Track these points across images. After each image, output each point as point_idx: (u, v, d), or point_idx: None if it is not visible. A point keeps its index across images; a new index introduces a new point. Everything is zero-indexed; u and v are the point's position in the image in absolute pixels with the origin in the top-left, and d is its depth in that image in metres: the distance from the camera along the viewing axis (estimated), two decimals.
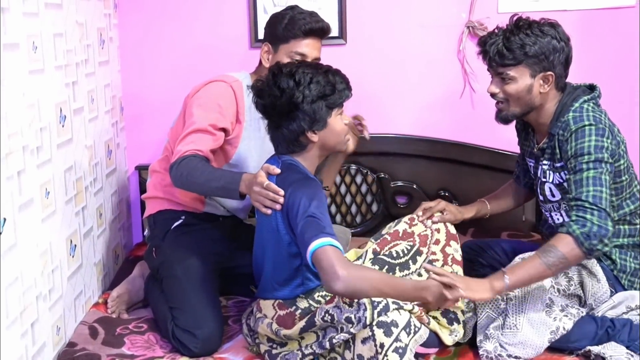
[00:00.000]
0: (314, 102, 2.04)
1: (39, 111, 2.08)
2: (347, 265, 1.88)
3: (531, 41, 2.17)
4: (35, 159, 2.06)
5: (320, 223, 1.94)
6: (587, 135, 2.13)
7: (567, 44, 2.22)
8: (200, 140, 2.28)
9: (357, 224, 3.17)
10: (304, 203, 1.97)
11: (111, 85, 2.92)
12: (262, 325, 2.10)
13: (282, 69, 2.08)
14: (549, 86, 2.22)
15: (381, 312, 1.91)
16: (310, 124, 2.06)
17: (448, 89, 3.14)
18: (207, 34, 3.07)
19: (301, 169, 2.11)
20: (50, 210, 2.17)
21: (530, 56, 2.17)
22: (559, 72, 2.22)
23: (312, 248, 1.90)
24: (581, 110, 2.19)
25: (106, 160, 2.81)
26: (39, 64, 2.09)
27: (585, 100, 2.22)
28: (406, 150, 3.13)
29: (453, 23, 3.08)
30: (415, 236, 2.28)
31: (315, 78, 2.05)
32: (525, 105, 2.25)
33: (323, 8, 3.01)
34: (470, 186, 2.98)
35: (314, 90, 2.04)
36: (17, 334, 1.92)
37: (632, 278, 2.26)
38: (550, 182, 2.29)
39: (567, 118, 2.19)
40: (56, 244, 2.22)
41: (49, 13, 2.19)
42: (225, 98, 2.38)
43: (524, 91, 2.22)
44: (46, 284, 2.13)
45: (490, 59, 2.23)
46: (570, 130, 2.17)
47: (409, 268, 2.24)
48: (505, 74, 2.22)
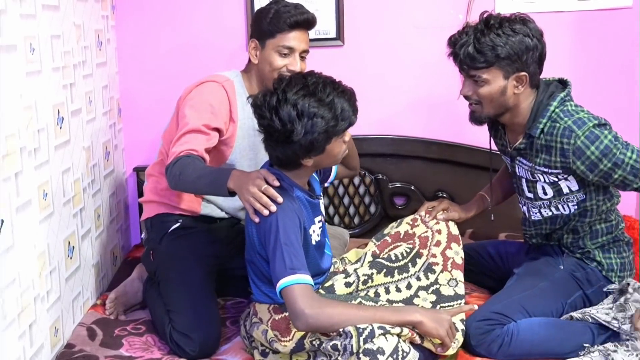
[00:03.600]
0: (314, 138, 1.95)
1: (36, 113, 2.09)
2: (310, 302, 1.90)
3: (502, 42, 2.11)
4: (33, 161, 2.06)
5: (290, 258, 1.93)
6: (597, 140, 2.12)
7: (539, 40, 2.16)
8: (194, 140, 2.26)
9: (355, 225, 3.17)
10: (274, 227, 1.96)
11: (109, 87, 2.92)
12: (257, 331, 2.10)
13: (287, 95, 1.95)
14: (523, 86, 2.17)
15: (367, 339, 1.84)
16: (306, 152, 1.99)
17: (445, 90, 3.13)
18: (205, 35, 3.07)
19: (284, 183, 2.05)
20: (48, 212, 2.17)
21: (503, 58, 2.12)
22: (532, 70, 2.16)
23: (279, 286, 1.93)
24: (572, 113, 2.17)
25: (104, 161, 2.81)
26: (36, 65, 2.09)
27: (562, 99, 2.18)
28: (404, 151, 3.14)
29: (450, 24, 3.07)
30: (415, 238, 2.28)
31: (319, 112, 1.94)
32: (499, 106, 2.21)
33: (320, 9, 3.01)
34: (467, 187, 2.97)
35: (316, 126, 1.93)
36: (15, 336, 1.91)
37: (621, 273, 2.29)
38: (543, 181, 2.28)
39: (567, 124, 2.15)
40: (54, 245, 2.22)
41: (46, 15, 2.19)
42: (217, 98, 2.37)
43: (498, 93, 2.17)
44: (44, 286, 2.13)
45: (461, 62, 2.18)
46: (577, 136, 2.13)
47: (407, 271, 2.24)
48: (477, 77, 2.17)
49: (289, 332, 2.03)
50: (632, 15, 3.07)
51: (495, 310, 2.17)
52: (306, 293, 1.91)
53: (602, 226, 2.30)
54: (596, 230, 2.29)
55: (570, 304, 2.26)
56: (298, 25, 2.38)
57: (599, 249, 2.30)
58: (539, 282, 2.26)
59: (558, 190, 2.27)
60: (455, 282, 2.26)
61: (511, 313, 2.17)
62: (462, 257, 2.29)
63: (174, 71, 3.07)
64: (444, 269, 2.25)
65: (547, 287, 2.25)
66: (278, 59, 2.37)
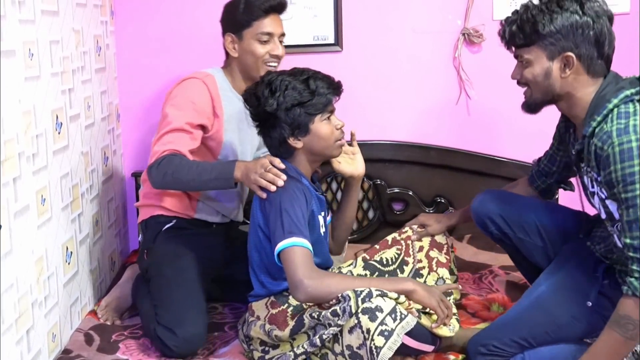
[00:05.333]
0: (289, 109, 2.07)
1: (35, 118, 2.09)
2: (309, 272, 1.92)
3: (546, 18, 1.90)
4: (32, 166, 2.06)
5: (289, 222, 1.97)
6: (632, 157, 1.77)
7: (596, 19, 1.90)
8: (178, 140, 2.25)
9: (354, 231, 3.16)
10: (278, 202, 2.01)
11: (107, 92, 2.92)
12: (254, 328, 2.11)
13: (264, 78, 2.14)
14: (570, 69, 1.92)
15: (365, 298, 1.88)
16: (290, 130, 2.10)
17: (444, 95, 3.14)
18: (204, 41, 3.07)
19: (289, 171, 2.11)
20: (46, 217, 2.17)
21: (544, 35, 1.90)
22: (585, 52, 1.90)
23: (278, 248, 1.95)
24: (626, 115, 1.83)
25: (102, 167, 2.81)
26: (35, 70, 2.10)
27: (628, 97, 1.86)
28: (402, 157, 3.14)
29: (448, 30, 3.09)
30: (402, 241, 2.34)
31: (292, 84, 2.08)
32: (545, 91, 1.98)
33: (319, 15, 3.02)
34: (466, 193, 2.98)
35: (288, 97, 2.07)
36: (13, 341, 1.91)
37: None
38: (599, 197, 1.95)
39: (610, 128, 1.82)
40: (52, 250, 2.22)
41: (45, 20, 2.20)
42: (199, 94, 2.36)
43: (541, 76, 1.95)
44: (42, 291, 2.13)
45: (507, 41, 2.01)
46: (611, 143, 1.80)
47: (397, 276, 2.27)
48: (521, 57, 1.99)
49: (285, 324, 2.05)
50: (629, 21, 3.08)
51: (499, 345, 2.04)
52: (305, 260, 1.94)
53: None
54: None
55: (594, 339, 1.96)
56: (273, 10, 2.43)
57: None
58: (558, 319, 2.03)
59: (608, 213, 1.93)
60: (442, 281, 2.29)
61: (517, 349, 2.04)
62: (446, 257, 2.31)
63: (173, 76, 3.06)
64: (430, 271, 2.28)
65: (567, 324, 2.02)
66: (259, 47, 2.40)
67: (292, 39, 3.02)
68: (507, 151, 3.10)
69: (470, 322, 2.36)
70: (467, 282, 2.70)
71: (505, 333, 2.07)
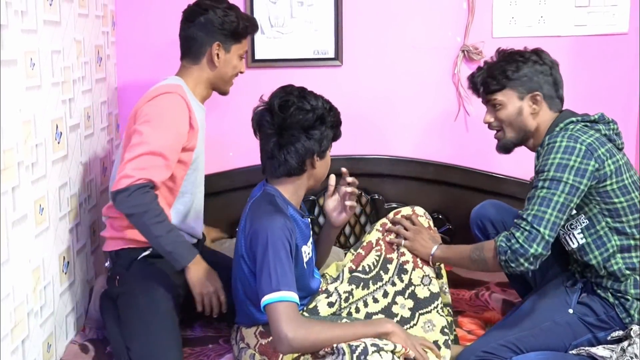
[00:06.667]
0: (332, 128, 2.12)
1: (34, 127, 2.09)
2: (294, 327, 1.89)
3: (513, 67, 2.23)
4: (30, 175, 2.06)
5: (276, 275, 1.93)
6: (553, 152, 2.10)
7: (552, 67, 2.25)
8: (154, 167, 2.17)
9: (351, 245, 3.16)
10: (264, 241, 1.97)
11: (107, 103, 2.93)
12: (245, 357, 2.10)
13: (293, 90, 2.12)
14: (538, 106, 2.23)
15: (360, 356, 1.82)
16: (319, 148, 2.09)
17: (443, 111, 3.16)
18: None
19: (277, 200, 2.08)
20: (44, 227, 2.17)
21: (513, 79, 2.22)
22: (547, 92, 2.23)
23: (263, 302, 1.93)
24: (565, 130, 2.16)
25: (101, 177, 2.81)
26: (36, 80, 2.10)
27: (572, 122, 2.19)
28: (400, 172, 3.15)
29: (448, 46, 3.11)
30: (381, 242, 2.31)
31: (333, 107, 2.13)
32: (519, 129, 2.26)
33: (319, 29, 3.03)
34: (463, 209, 2.98)
35: (334, 117, 2.12)
36: (8, 351, 1.90)
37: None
38: None
39: (549, 135, 2.18)
40: (49, 260, 2.21)
41: (47, 30, 2.20)
42: (180, 113, 2.29)
43: (515, 114, 2.25)
44: (38, 301, 2.12)
45: (478, 90, 2.32)
46: (543, 146, 2.17)
47: (381, 279, 2.25)
48: (494, 100, 2.26)
49: (276, 356, 2.03)
50: (627, 42, 3.10)
51: (487, 349, 2.15)
52: (289, 314, 1.90)
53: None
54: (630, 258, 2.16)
55: (576, 345, 2.16)
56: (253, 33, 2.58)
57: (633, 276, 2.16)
58: (541, 323, 2.19)
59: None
60: (428, 280, 2.26)
61: (505, 353, 2.14)
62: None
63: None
64: (415, 266, 2.26)
65: (549, 328, 2.18)
66: (239, 63, 2.48)
67: (292, 53, 3.04)
68: (505, 168, 3.11)
69: (466, 339, 2.37)
70: (463, 298, 2.70)
71: (493, 339, 2.19)
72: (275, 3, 3.00)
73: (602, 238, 2.15)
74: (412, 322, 2.21)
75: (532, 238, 2.05)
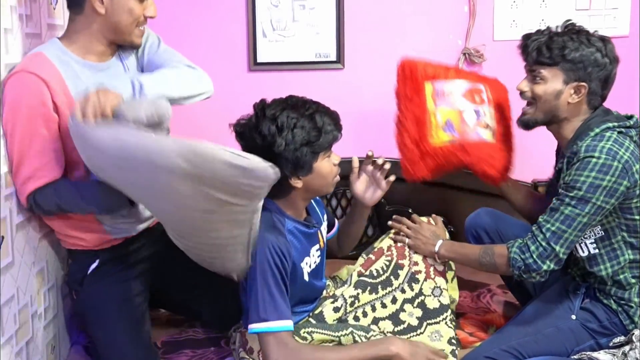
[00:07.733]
0: (297, 149, 1.93)
1: None
2: (284, 355, 1.89)
3: (574, 46, 2.07)
4: None
5: (264, 304, 1.91)
6: (588, 169, 1.99)
7: (611, 62, 2.11)
8: (43, 169, 1.95)
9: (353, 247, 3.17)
10: (252, 265, 1.94)
11: None
12: None
13: (266, 112, 1.95)
14: (579, 98, 2.09)
15: None
16: (293, 170, 1.96)
17: None
18: (206, 58, 3.08)
19: (274, 217, 2.03)
20: (48, 229, 2.17)
21: (568, 60, 2.07)
22: (594, 87, 2.09)
23: (250, 329, 1.93)
24: (601, 138, 2.03)
25: None
26: None
27: (609, 128, 2.06)
28: (401, 174, 3.14)
29: (449, 49, 3.11)
30: (393, 249, 2.27)
31: (299, 123, 1.93)
32: (549, 111, 2.13)
33: (321, 32, 3.04)
34: (465, 211, 2.99)
35: (297, 136, 1.92)
36: (12, 353, 1.92)
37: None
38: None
39: (582, 145, 2.03)
40: (53, 262, 2.22)
41: (51, 34, 2.21)
42: (34, 97, 1.92)
43: (552, 95, 2.11)
44: (42, 303, 2.13)
45: (528, 54, 2.14)
46: (578, 157, 2.02)
47: (391, 284, 2.22)
48: (537, 72, 2.12)
49: None
50: (628, 45, 3.11)
51: (489, 355, 2.14)
52: (278, 344, 1.91)
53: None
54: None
55: (578, 351, 2.16)
56: None
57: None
58: (543, 329, 2.18)
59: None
60: (439, 291, 2.23)
61: (507, 358, 2.13)
62: (442, 265, 2.28)
63: None
64: (427, 277, 2.23)
65: (552, 333, 2.17)
66: (137, 5, 2.02)
67: (294, 56, 3.05)
68: None
69: (468, 341, 2.38)
70: (465, 300, 2.70)
71: (496, 344, 2.18)
72: (277, 6, 3.01)
73: (616, 251, 2.12)
74: (419, 331, 2.19)
75: (546, 255, 2.04)
